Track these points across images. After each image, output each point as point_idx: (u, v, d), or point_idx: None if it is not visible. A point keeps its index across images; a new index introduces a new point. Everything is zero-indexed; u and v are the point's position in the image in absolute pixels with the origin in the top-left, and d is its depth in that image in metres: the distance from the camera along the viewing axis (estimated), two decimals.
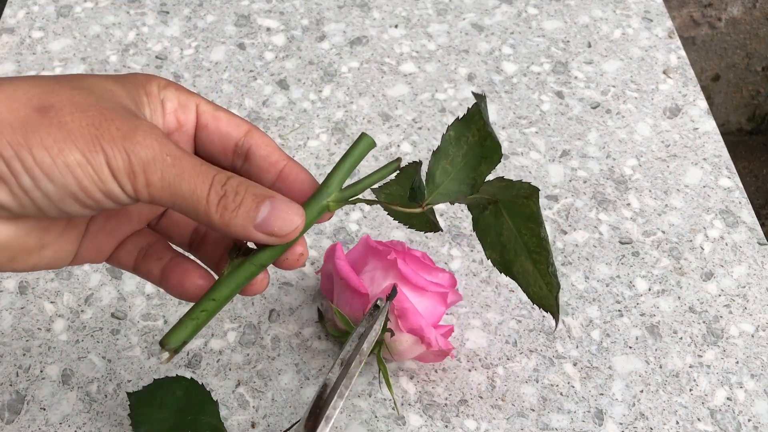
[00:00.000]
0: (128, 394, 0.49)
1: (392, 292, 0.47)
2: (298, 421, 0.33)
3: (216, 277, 0.36)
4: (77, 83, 0.32)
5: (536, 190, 0.38)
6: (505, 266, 0.42)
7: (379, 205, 0.62)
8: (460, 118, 0.38)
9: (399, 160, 0.36)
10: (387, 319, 0.48)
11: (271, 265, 0.35)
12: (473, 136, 0.37)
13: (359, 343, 0.35)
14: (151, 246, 0.37)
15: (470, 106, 0.38)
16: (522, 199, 0.39)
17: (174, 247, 0.38)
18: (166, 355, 0.33)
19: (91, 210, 0.32)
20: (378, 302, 0.37)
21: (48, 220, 0.34)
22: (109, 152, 0.30)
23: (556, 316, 0.40)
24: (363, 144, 0.36)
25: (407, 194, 0.38)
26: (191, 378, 0.48)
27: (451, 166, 0.38)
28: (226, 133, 0.36)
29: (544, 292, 0.41)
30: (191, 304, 0.35)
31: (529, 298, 0.42)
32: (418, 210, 0.37)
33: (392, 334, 0.49)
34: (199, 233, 0.39)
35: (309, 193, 0.36)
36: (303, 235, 0.35)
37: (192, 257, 0.37)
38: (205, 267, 0.37)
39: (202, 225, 0.35)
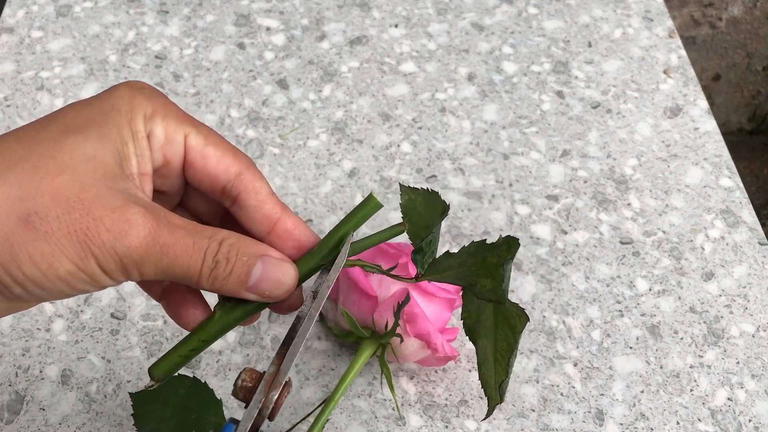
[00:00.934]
0: (130, 394, 0.48)
1: (405, 299, 0.47)
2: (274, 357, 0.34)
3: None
4: (56, 158, 0.30)
5: (527, 319, 0.40)
6: (472, 335, 0.43)
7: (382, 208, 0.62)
8: (486, 241, 0.37)
9: (404, 224, 0.36)
10: (397, 323, 0.47)
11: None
12: (492, 257, 0.37)
13: (326, 274, 0.36)
14: None
15: (503, 236, 0.38)
16: (512, 312, 0.40)
17: None
18: (152, 383, 0.34)
19: (86, 293, 0.32)
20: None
21: None
22: (101, 257, 0.29)
23: (490, 410, 0.44)
24: (369, 206, 0.35)
25: (422, 229, 0.38)
26: (194, 376, 0.48)
27: (457, 264, 0.38)
28: (214, 175, 0.34)
29: (491, 384, 0.43)
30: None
31: (478, 371, 0.44)
32: (410, 280, 0.38)
33: (401, 340, 0.49)
34: None
35: (307, 248, 0.35)
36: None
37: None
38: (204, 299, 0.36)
39: None
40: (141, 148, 0.33)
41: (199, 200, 0.37)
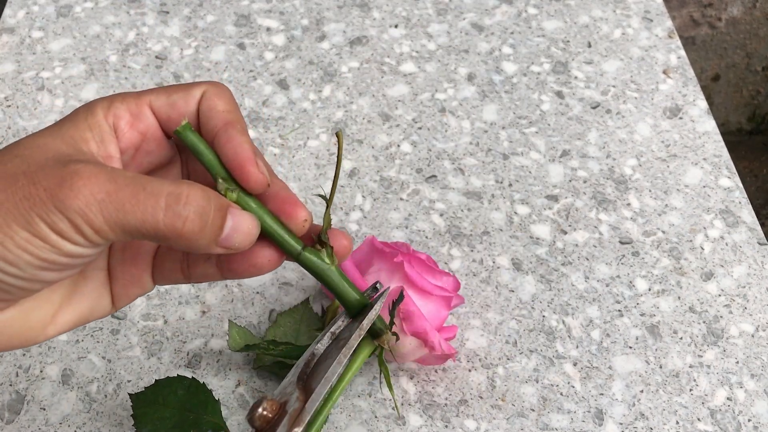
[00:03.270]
0: (130, 395, 0.49)
1: (399, 297, 0.47)
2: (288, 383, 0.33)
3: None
4: (12, 151, 0.31)
5: None
6: None
7: (380, 204, 0.62)
8: None
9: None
10: (392, 321, 0.48)
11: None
12: None
13: (354, 320, 0.35)
14: (188, 253, 0.36)
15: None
16: None
17: None
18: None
19: (72, 270, 0.31)
20: (377, 285, 0.37)
21: (43, 295, 0.33)
22: (47, 218, 0.29)
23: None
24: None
25: None
26: (192, 377, 0.49)
27: None
28: (188, 112, 0.34)
29: None
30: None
31: None
32: None
33: (397, 338, 0.49)
34: None
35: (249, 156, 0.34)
36: (298, 200, 0.35)
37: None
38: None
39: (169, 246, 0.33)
40: (100, 134, 0.33)
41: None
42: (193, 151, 0.33)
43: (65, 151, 0.31)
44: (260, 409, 0.32)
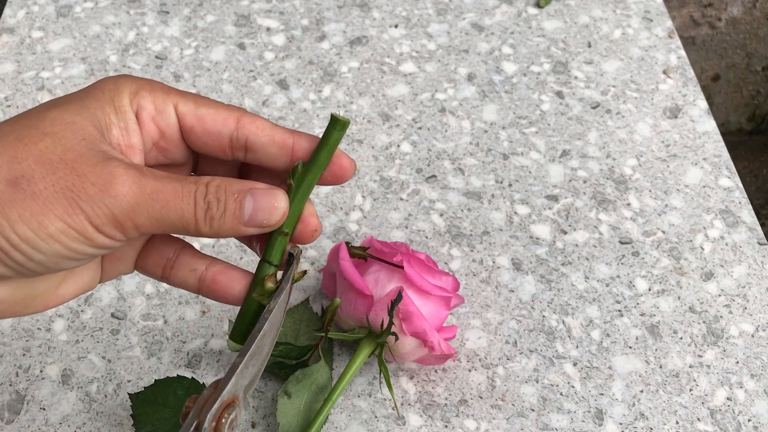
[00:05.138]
0: (129, 395, 0.49)
1: (398, 297, 0.47)
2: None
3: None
4: (39, 128, 0.31)
5: None
6: None
7: (380, 204, 0.62)
8: None
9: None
10: (391, 322, 0.48)
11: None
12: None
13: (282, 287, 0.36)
14: (179, 256, 0.37)
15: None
16: None
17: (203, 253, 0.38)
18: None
19: (90, 260, 0.32)
20: (292, 250, 0.37)
21: None
22: (89, 211, 0.30)
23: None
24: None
25: None
26: (192, 377, 0.49)
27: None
28: (215, 132, 0.35)
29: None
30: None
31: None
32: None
33: (396, 339, 0.49)
34: None
35: None
36: (313, 209, 0.36)
37: (227, 262, 0.37)
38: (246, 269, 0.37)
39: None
40: (125, 120, 0.33)
41: (212, 166, 0.38)
42: (328, 137, 0.35)
43: (93, 135, 0.32)
44: (183, 408, 0.33)
